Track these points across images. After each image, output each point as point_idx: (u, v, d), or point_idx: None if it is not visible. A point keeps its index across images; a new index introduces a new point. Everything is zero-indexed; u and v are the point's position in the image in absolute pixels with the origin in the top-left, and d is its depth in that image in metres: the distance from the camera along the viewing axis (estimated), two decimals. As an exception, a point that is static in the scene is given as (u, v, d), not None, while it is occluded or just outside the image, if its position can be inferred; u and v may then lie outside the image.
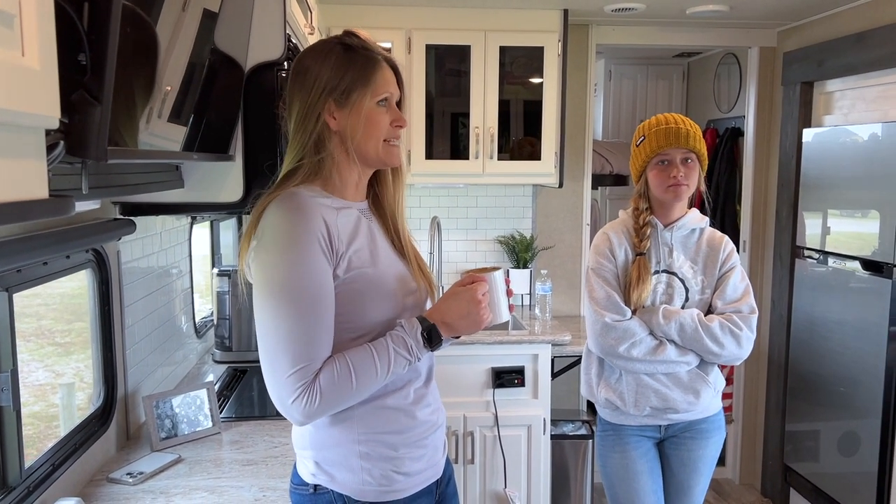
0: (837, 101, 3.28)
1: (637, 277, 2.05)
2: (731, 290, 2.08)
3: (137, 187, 1.46)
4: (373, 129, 1.33)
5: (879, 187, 2.85)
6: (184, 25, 1.29)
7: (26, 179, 0.69)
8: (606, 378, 2.14)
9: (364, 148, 1.34)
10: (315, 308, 1.25)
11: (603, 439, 2.20)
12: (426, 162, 3.29)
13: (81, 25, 0.82)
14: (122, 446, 2.00)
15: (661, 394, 2.06)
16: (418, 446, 1.40)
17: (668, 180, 2.04)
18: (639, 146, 2.10)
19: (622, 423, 2.14)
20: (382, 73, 1.34)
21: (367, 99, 1.31)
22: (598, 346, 2.09)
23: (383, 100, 1.34)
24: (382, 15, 3.23)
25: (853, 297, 3.03)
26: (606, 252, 2.11)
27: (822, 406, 3.24)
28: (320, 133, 1.32)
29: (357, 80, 1.31)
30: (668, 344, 2.03)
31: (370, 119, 1.32)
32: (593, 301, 2.09)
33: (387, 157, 1.37)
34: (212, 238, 3.19)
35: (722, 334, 2.01)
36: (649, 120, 2.12)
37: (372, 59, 1.33)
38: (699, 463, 2.15)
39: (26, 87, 0.64)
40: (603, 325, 2.05)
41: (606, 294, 2.07)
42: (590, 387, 2.19)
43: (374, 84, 1.32)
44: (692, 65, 4.80)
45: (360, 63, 1.32)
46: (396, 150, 1.38)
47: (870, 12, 2.99)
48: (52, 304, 2.33)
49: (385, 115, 1.34)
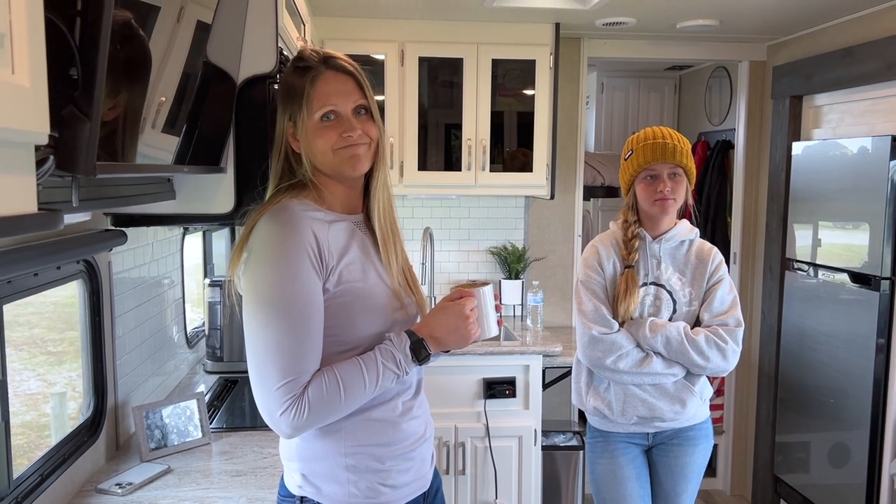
0: (826, 115, 3.31)
1: (625, 290, 2.07)
2: (719, 302, 2.10)
3: (129, 199, 1.47)
4: (317, 146, 1.33)
5: (868, 200, 2.88)
6: (178, 36, 1.30)
7: (15, 194, 0.69)
8: (595, 387, 2.18)
9: (320, 163, 1.35)
10: (304, 321, 1.26)
11: (592, 446, 2.24)
12: (419, 173, 3.31)
13: (73, 41, 0.83)
14: (112, 457, 2.00)
15: (648, 403, 2.09)
16: (405, 459, 1.40)
17: (654, 194, 2.06)
18: (627, 160, 2.12)
19: (610, 430, 2.18)
20: (319, 89, 1.32)
21: (308, 119, 1.32)
22: (586, 358, 2.13)
23: (327, 114, 1.32)
24: (375, 28, 3.25)
25: (842, 309, 3.05)
26: (595, 265, 2.14)
27: (812, 417, 3.26)
28: (287, 156, 1.37)
29: (296, 102, 1.32)
30: (654, 356, 2.05)
31: (312, 138, 1.33)
32: (581, 313, 2.13)
33: (343, 167, 1.34)
34: (204, 248, 3.20)
35: (707, 348, 2.03)
36: (638, 134, 2.14)
37: (308, 77, 1.32)
38: (686, 470, 2.16)
39: (16, 104, 0.65)
40: (591, 337, 2.08)
41: (594, 307, 2.10)
42: (579, 395, 2.23)
43: (310, 102, 1.31)
44: (683, 78, 4.83)
45: (297, 84, 1.32)
46: (354, 158, 1.34)
47: (857, 28, 3.03)
48: (44, 312, 2.33)
49: (329, 130, 1.32)
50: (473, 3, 2.98)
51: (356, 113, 1.35)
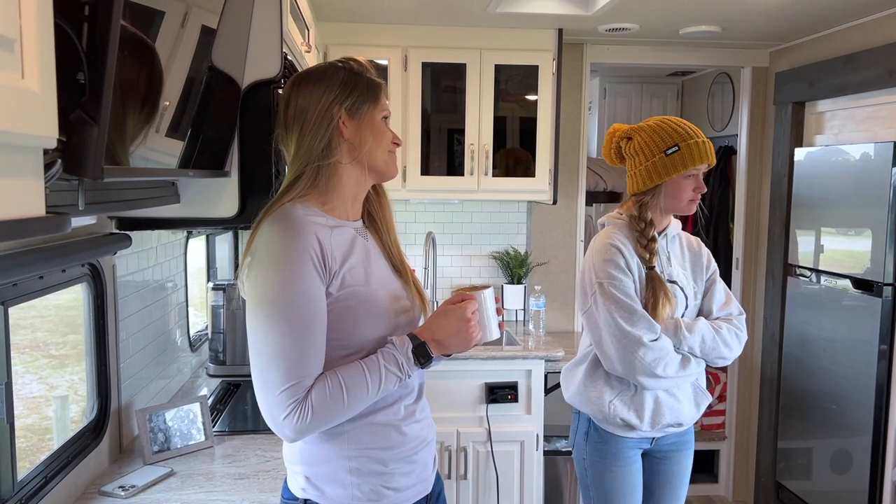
0: (828, 121, 3.32)
1: (663, 293, 1.96)
2: (722, 294, 2.09)
3: (134, 203, 1.48)
4: (382, 138, 1.40)
5: (870, 206, 2.88)
6: (183, 41, 1.31)
7: (24, 197, 0.70)
8: (620, 396, 2.02)
9: (373, 155, 1.39)
10: (307, 325, 1.27)
11: (601, 452, 2.08)
12: (422, 178, 3.32)
13: (81, 46, 0.84)
14: (115, 459, 2.00)
15: (675, 409, 2.03)
16: (408, 462, 1.41)
17: (691, 194, 2.00)
18: (669, 155, 1.95)
19: (626, 436, 2.05)
20: (384, 95, 1.43)
21: (375, 112, 1.39)
22: (629, 369, 1.94)
23: (385, 117, 1.42)
24: (379, 33, 3.27)
25: (844, 315, 3.05)
26: (622, 266, 1.97)
27: (814, 423, 3.26)
28: (331, 138, 1.35)
29: (367, 95, 1.38)
30: (690, 357, 1.99)
31: (373, 132, 1.39)
32: (621, 320, 1.93)
33: (389, 167, 1.43)
34: (207, 251, 3.20)
35: (731, 339, 2.02)
36: (672, 126, 1.99)
37: (376, 81, 1.42)
38: (685, 473, 2.15)
39: (26, 108, 0.66)
40: (641, 346, 1.92)
41: (637, 312, 1.94)
42: (599, 409, 2.03)
43: (380, 102, 1.41)
44: (686, 83, 4.84)
45: (366, 82, 1.40)
46: (395, 162, 1.46)
47: (859, 35, 3.03)
48: (47, 315, 2.33)
49: (388, 132, 1.42)
50: (476, 9, 2.99)
51: None
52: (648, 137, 1.99)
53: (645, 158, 1.99)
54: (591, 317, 2.01)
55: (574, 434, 2.18)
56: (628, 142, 2.06)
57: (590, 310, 2.01)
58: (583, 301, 2.06)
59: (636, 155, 2.03)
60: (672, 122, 2.00)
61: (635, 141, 2.03)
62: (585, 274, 2.04)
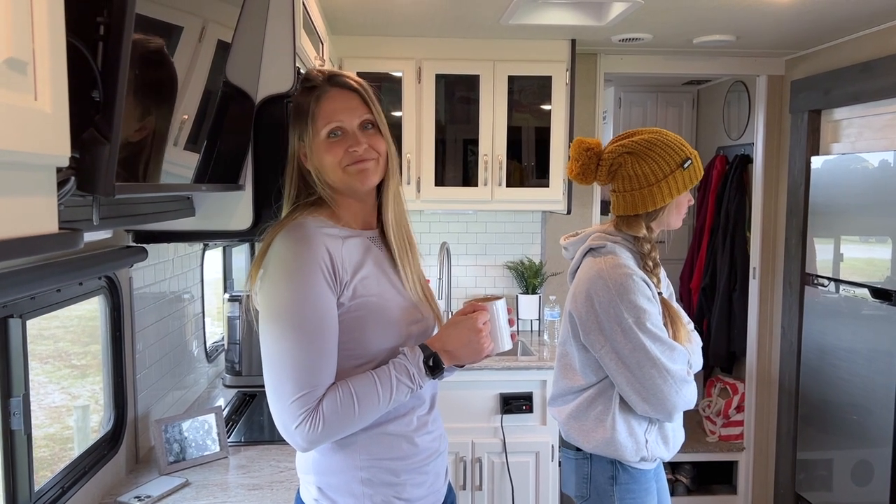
0: (845, 129, 3.29)
1: (678, 318, 1.88)
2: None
3: (149, 217, 1.50)
4: (326, 162, 1.36)
5: (889, 214, 2.85)
6: (200, 55, 1.33)
7: (37, 215, 0.72)
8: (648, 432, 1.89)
9: (331, 179, 1.37)
10: (318, 335, 1.28)
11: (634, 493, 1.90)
12: (436, 189, 3.33)
13: (96, 65, 0.86)
14: (131, 469, 2.03)
15: (680, 432, 1.98)
16: (420, 472, 1.41)
17: (685, 209, 1.94)
18: (686, 169, 1.84)
19: (650, 467, 1.94)
20: (324, 106, 1.36)
21: (316, 136, 1.36)
22: (670, 408, 1.80)
23: (333, 130, 1.35)
24: (393, 45, 3.29)
25: (863, 325, 3.02)
26: (651, 296, 1.82)
27: (834, 434, 3.22)
28: (301, 174, 1.40)
29: (303, 120, 1.37)
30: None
31: (321, 154, 1.36)
32: (663, 358, 1.78)
33: (352, 182, 1.36)
34: (224, 263, 3.24)
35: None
36: (674, 138, 1.88)
37: (314, 95, 1.37)
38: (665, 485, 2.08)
39: (38, 129, 0.67)
40: (685, 384, 1.82)
41: (676, 348, 1.82)
42: (636, 451, 1.87)
43: (316, 120, 1.36)
44: (702, 92, 4.82)
45: (304, 103, 1.37)
46: (363, 173, 1.36)
47: (875, 42, 3.01)
48: (69, 325, 2.37)
49: (336, 146, 1.35)
50: (490, 21, 3.01)
51: (363, 128, 1.38)
52: (662, 152, 1.84)
53: (663, 174, 1.83)
54: (619, 356, 1.79)
55: (588, 482, 1.94)
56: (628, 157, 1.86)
57: (617, 349, 1.79)
58: (596, 339, 1.83)
59: (646, 174, 1.84)
60: (670, 135, 1.88)
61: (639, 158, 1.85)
62: (601, 307, 1.81)
